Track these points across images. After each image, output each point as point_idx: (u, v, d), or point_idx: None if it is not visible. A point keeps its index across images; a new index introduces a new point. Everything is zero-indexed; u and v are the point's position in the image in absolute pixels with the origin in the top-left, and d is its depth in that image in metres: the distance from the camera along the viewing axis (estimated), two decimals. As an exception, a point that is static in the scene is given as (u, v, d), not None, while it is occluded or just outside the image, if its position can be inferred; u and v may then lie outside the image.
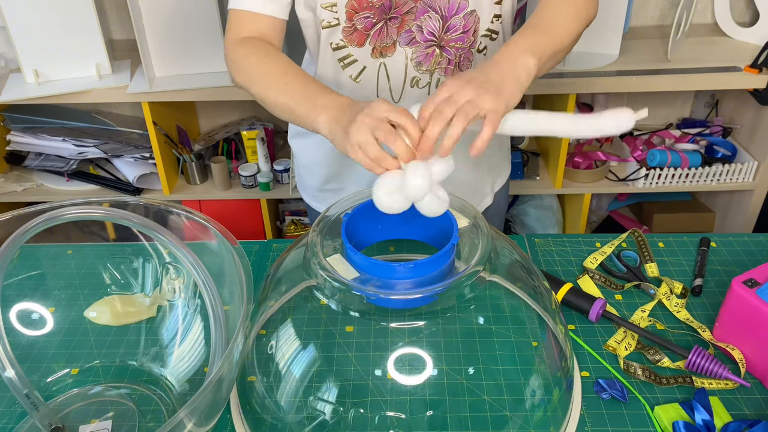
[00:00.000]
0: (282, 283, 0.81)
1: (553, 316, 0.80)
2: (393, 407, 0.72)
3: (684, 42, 1.84)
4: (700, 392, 0.79)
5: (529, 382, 0.78)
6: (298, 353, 0.75)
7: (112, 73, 1.82)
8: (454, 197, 0.81)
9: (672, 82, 1.70)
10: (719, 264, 1.02)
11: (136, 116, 2.07)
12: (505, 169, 1.22)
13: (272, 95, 0.88)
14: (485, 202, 1.19)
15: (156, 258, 0.90)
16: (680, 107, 2.12)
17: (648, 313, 0.93)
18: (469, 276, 0.71)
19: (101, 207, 0.78)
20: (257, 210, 2.01)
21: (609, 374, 0.84)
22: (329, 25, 0.93)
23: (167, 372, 0.86)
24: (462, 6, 0.92)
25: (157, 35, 1.73)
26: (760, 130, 1.86)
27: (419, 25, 0.93)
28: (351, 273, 0.72)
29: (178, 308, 0.90)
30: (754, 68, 1.68)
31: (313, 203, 1.21)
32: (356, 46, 0.95)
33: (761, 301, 0.79)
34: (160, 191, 1.94)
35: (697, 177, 1.87)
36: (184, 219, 0.83)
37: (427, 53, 0.96)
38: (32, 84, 1.77)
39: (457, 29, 0.94)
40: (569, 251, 1.06)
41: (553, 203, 2.10)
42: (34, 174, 2.00)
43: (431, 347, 0.72)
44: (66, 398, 0.84)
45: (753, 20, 1.90)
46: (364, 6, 0.91)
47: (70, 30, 1.73)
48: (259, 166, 1.95)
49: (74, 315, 0.93)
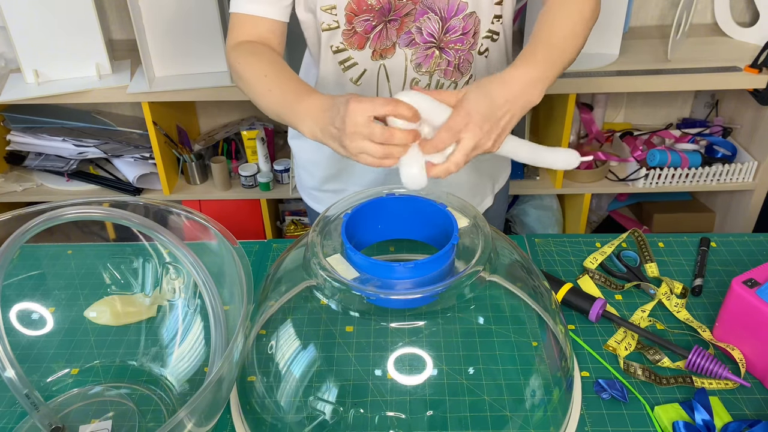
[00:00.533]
0: (282, 283, 0.81)
1: (553, 316, 0.80)
2: (393, 407, 0.72)
3: (684, 42, 1.84)
4: (700, 392, 0.79)
5: (529, 382, 0.78)
6: (298, 353, 0.75)
7: (112, 73, 1.82)
8: (454, 197, 0.81)
9: (672, 82, 1.70)
10: (719, 264, 1.02)
11: (136, 116, 2.07)
12: (506, 170, 1.22)
13: (260, 100, 0.90)
14: (486, 203, 1.19)
15: (156, 258, 0.90)
16: (680, 107, 2.12)
17: (648, 313, 0.93)
18: (469, 276, 0.71)
19: (101, 207, 0.78)
20: (257, 210, 2.01)
21: (609, 374, 0.84)
22: (329, 27, 0.93)
23: (167, 372, 0.86)
24: (461, 7, 0.92)
25: (157, 35, 1.73)
26: (760, 130, 1.86)
27: (419, 27, 0.93)
28: (351, 273, 0.72)
29: (178, 308, 0.90)
30: (754, 68, 1.68)
31: (313, 204, 1.21)
32: (356, 49, 0.95)
33: (761, 301, 0.79)
34: (160, 191, 1.94)
35: (697, 177, 1.87)
36: (184, 219, 0.83)
37: (426, 54, 0.96)
38: (32, 84, 1.77)
39: (456, 31, 0.94)
40: (569, 251, 1.06)
41: (553, 203, 2.10)
42: (34, 174, 2.00)
43: (431, 347, 0.72)
44: (66, 398, 0.84)
45: (753, 20, 1.90)
46: (364, 9, 0.91)
47: (70, 30, 1.73)
48: (259, 166, 1.95)
49: (74, 315, 0.93)
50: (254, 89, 0.90)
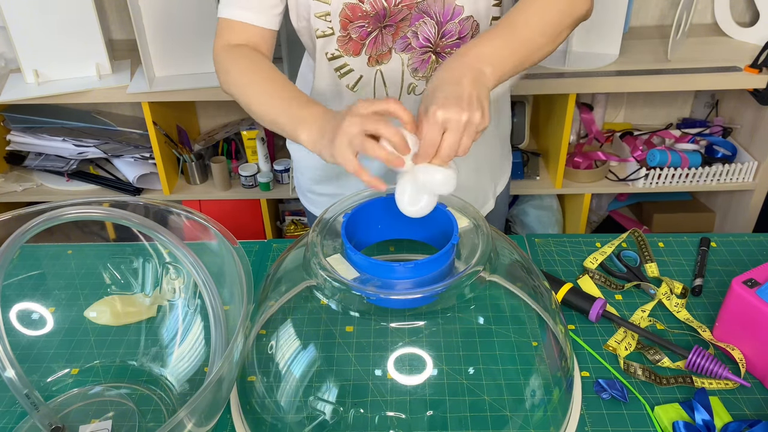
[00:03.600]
0: (282, 283, 0.81)
1: (553, 316, 0.80)
2: (393, 407, 0.72)
3: (684, 42, 1.84)
4: (700, 392, 0.79)
5: (529, 382, 0.78)
6: (298, 353, 0.75)
7: (112, 73, 1.82)
8: (454, 198, 0.81)
9: (672, 82, 1.70)
10: (719, 264, 1.02)
11: (136, 116, 2.07)
12: (506, 172, 1.22)
13: (255, 108, 0.88)
14: (488, 207, 1.18)
15: (156, 258, 0.90)
16: (680, 107, 2.12)
17: (648, 313, 0.93)
18: (469, 276, 0.71)
19: (101, 207, 0.78)
20: (257, 210, 2.01)
21: (609, 374, 0.84)
22: (324, 34, 0.93)
23: (167, 372, 0.86)
24: (457, 11, 0.92)
25: (157, 35, 1.73)
26: (760, 130, 1.86)
27: (414, 32, 0.93)
28: (351, 273, 0.72)
29: (178, 308, 0.90)
30: (754, 68, 1.68)
31: (310, 206, 1.21)
32: (352, 55, 0.95)
33: (761, 301, 0.79)
34: (160, 191, 1.94)
35: (697, 177, 1.87)
36: (184, 219, 0.83)
37: (422, 59, 0.95)
38: (32, 84, 1.77)
39: (452, 35, 0.93)
40: (569, 251, 1.06)
41: (553, 203, 2.10)
42: (34, 174, 2.00)
43: (431, 347, 0.72)
44: (66, 398, 0.84)
45: (753, 20, 1.91)
46: (359, 15, 0.90)
47: (70, 30, 1.73)
48: (259, 166, 1.95)
49: (74, 315, 0.93)
50: (248, 94, 0.88)
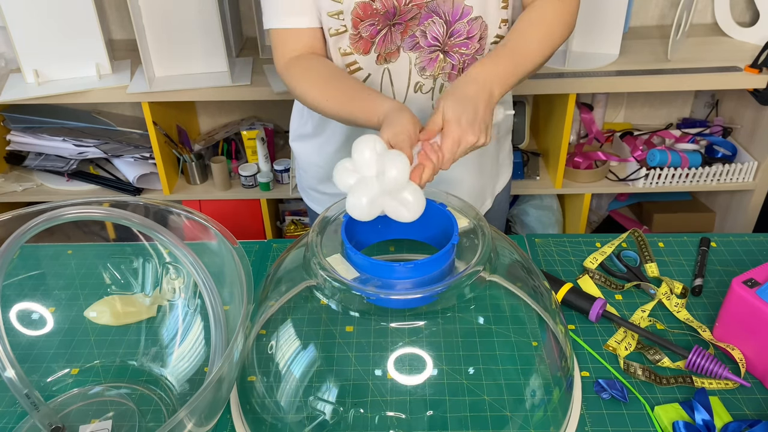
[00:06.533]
0: (282, 283, 0.81)
1: (553, 316, 0.80)
2: (393, 407, 0.72)
3: (684, 42, 1.84)
4: (700, 392, 0.79)
5: (529, 382, 0.78)
6: (298, 353, 0.75)
7: (112, 73, 1.82)
8: (454, 197, 0.81)
9: (672, 82, 1.70)
10: (719, 264, 1.02)
11: (136, 116, 2.07)
12: (507, 172, 1.22)
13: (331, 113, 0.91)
14: (485, 206, 1.18)
15: (156, 258, 0.90)
16: (680, 107, 2.12)
17: (648, 313, 0.93)
18: (469, 276, 0.71)
19: (101, 207, 0.78)
20: (257, 210, 2.01)
21: (609, 374, 0.84)
22: (337, 32, 0.93)
23: (167, 372, 0.86)
24: (466, 11, 0.92)
25: (157, 35, 1.73)
26: (760, 130, 1.86)
27: (423, 30, 0.93)
28: (351, 273, 0.72)
29: (178, 308, 0.90)
30: (754, 68, 1.68)
31: (313, 204, 1.21)
32: (361, 54, 0.95)
33: (761, 301, 0.79)
34: (160, 191, 1.94)
35: (697, 177, 1.87)
36: (184, 219, 0.83)
37: (431, 58, 0.96)
38: (32, 84, 1.77)
39: (461, 35, 0.94)
40: (569, 251, 1.06)
41: (553, 203, 2.10)
42: (34, 174, 2.00)
43: (431, 347, 0.72)
44: (66, 398, 0.84)
45: (753, 20, 1.90)
46: (369, 13, 0.91)
47: (70, 30, 1.73)
48: (259, 166, 1.95)
49: (74, 315, 0.93)
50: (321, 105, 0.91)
